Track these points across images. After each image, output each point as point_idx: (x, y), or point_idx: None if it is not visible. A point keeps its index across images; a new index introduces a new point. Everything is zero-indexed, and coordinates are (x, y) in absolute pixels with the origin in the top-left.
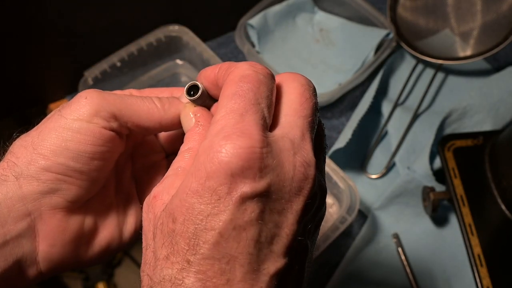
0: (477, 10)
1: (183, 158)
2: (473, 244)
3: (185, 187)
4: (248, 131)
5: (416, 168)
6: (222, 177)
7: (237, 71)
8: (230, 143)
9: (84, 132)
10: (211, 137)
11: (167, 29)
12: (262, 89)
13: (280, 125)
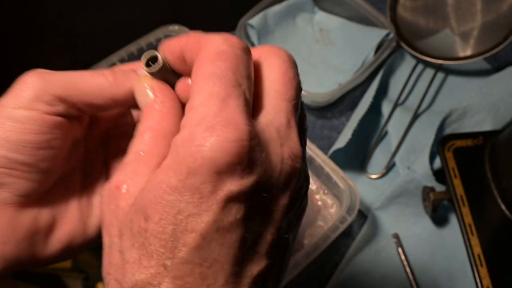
0: (477, 10)
1: (143, 139)
2: (473, 244)
3: (161, 182)
4: (233, 120)
5: (416, 168)
6: (205, 174)
7: (210, 46)
8: (215, 135)
9: (25, 121)
10: (191, 126)
11: (167, 29)
12: (241, 67)
13: (264, 111)
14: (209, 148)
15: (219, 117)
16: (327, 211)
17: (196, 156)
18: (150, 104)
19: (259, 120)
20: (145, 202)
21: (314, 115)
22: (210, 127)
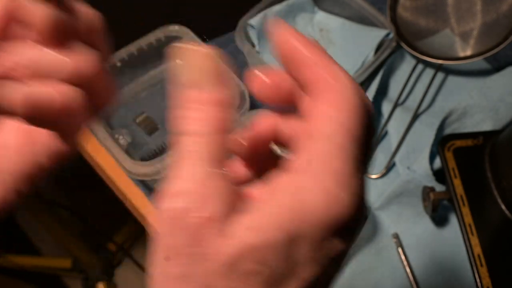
0: (477, 10)
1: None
2: (473, 244)
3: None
4: (363, 188)
5: (416, 168)
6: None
7: (346, 93)
8: (351, 196)
9: None
10: (321, 171)
11: (167, 29)
12: (370, 132)
13: None
14: (344, 208)
15: (354, 178)
16: None
17: (331, 213)
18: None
19: None
20: (262, 251)
21: None
22: (346, 184)
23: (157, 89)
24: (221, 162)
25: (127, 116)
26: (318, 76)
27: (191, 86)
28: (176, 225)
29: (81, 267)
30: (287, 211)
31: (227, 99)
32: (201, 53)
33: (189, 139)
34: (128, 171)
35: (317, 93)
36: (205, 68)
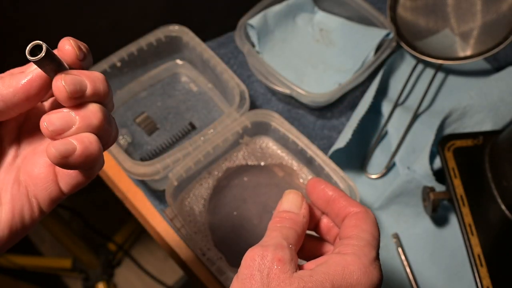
0: (477, 10)
1: None
2: (473, 244)
3: None
4: (381, 269)
5: (416, 168)
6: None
7: (367, 214)
8: (378, 270)
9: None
10: (360, 255)
11: (167, 29)
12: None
13: None
14: None
15: (378, 260)
16: None
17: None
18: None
19: None
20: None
21: (314, 115)
22: (376, 264)
23: (157, 89)
24: (291, 240)
25: (127, 116)
26: (348, 205)
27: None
28: (252, 264)
29: (81, 267)
30: (334, 273)
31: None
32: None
33: (280, 228)
34: (128, 171)
35: (351, 215)
36: (299, 203)
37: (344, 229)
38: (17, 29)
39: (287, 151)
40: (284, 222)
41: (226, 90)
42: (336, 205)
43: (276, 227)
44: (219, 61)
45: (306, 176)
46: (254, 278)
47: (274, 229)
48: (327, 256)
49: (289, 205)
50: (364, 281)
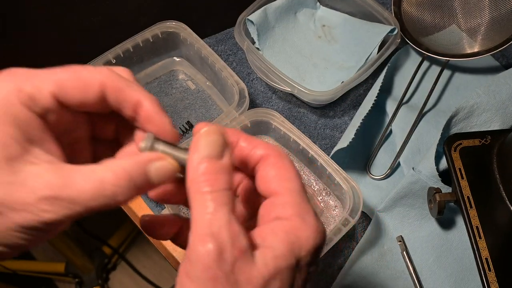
0: (485, 5)
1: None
2: (480, 247)
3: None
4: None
5: (421, 169)
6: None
7: (289, 166)
8: (322, 224)
9: None
10: (314, 220)
11: (164, 25)
12: None
13: None
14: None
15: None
16: (330, 213)
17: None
18: None
19: None
20: None
21: (315, 114)
22: (318, 218)
23: (153, 87)
24: (234, 209)
25: None
26: (251, 147)
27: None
28: (213, 265)
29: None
30: (291, 244)
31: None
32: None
33: (216, 195)
34: None
35: (264, 163)
36: (219, 142)
37: (264, 182)
38: (8, 26)
39: (288, 151)
40: (216, 182)
41: (225, 88)
42: (237, 150)
43: (207, 194)
44: (218, 58)
45: (308, 178)
46: (219, 280)
47: (209, 199)
48: (268, 226)
49: (209, 150)
50: (318, 241)
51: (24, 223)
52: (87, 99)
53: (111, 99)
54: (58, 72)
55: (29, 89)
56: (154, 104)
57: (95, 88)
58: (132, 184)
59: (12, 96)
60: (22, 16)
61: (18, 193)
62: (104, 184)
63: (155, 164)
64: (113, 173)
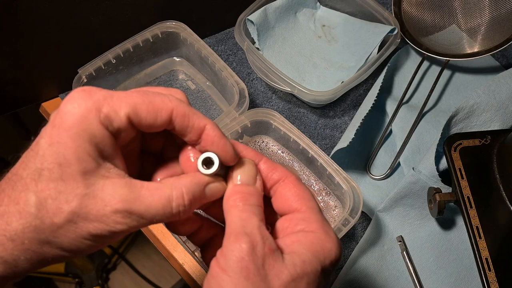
0: (485, 5)
1: None
2: (480, 247)
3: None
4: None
5: (421, 169)
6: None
7: (303, 187)
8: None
9: None
10: (334, 234)
11: (164, 25)
12: None
13: None
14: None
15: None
16: (330, 213)
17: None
18: None
19: None
20: None
21: (316, 114)
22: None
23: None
24: (263, 220)
25: None
26: (269, 170)
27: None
28: (246, 258)
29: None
30: (317, 252)
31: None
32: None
33: (249, 208)
34: None
35: (282, 183)
36: (254, 174)
37: (285, 200)
38: (8, 26)
39: (288, 151)
40: (249, 199)
41: (225, 88)
42: None
43: (241, 206)
44: (218, 58)
45: (308, 177)
46: (251, 271)
47: (243, 210)
48: (293, 236)
49: (246, 178)
50: (339, 253)
51: (96, 233)
52: (157, 123)
53: (177, 124)
54: (133, 96)
55: (106, 110)
56: (217, 130)
57: (165, 114)
58: (193, 203)
59: (91, 115)
60: (22, 17)
61: (92, 205)
62: (169, 202)
63: (212, 185)
64: (178, 192)
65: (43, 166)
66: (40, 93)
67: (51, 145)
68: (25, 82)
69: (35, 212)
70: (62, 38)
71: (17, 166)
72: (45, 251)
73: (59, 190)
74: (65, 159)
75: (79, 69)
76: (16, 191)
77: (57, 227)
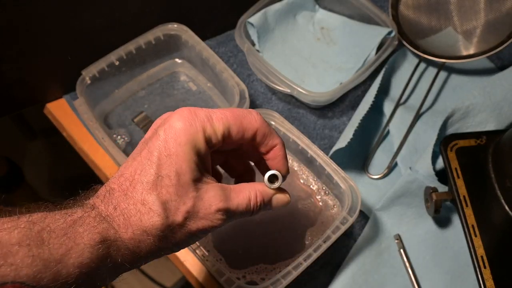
0: (481, 8)
1: None
2: (476, 245)
3: None
4: None
5: (418, 169)
6: None
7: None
8: None
9: None
10: None
11: (166, 28)
12: None
13: None
14: None
15: None
16: (328, 211)
17: None
18: None
19: None
20: None
21: (315, 115)
22: None
23: (155, 88)
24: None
25: (125, 116)
26: None
27: None
28: None
29: None
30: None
31: None
32: None
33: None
34: None
35: None
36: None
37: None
38: (13, 28)
39: (288, 151)
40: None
41: (225, 89)
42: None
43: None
44: (219, 59)
45: (307, 177)
46: None
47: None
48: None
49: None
50: None
51: (203, 227)
52: (243, 140)
53: (257, 141)
54: (228, 117)
55: (209, 132)
56: (283, 149)
57: (251, 133)
58: (262, 204)
59: (199, 135)
60: (27, 19)
61: (201, 205)
62: (250, 201)
63: (278, 195)
64: (253, 194)
65: (162, 174)
66: (44, 94)
67: (168, 156)
68: (30, 83)
69: (162, 211)
70: (66, 40)
71: (131, 172)
72: (161, 245)
73: (178, 193)
74: (181, 168)
75: (82, 70)
76: (137, 193)
77: (176, 224)
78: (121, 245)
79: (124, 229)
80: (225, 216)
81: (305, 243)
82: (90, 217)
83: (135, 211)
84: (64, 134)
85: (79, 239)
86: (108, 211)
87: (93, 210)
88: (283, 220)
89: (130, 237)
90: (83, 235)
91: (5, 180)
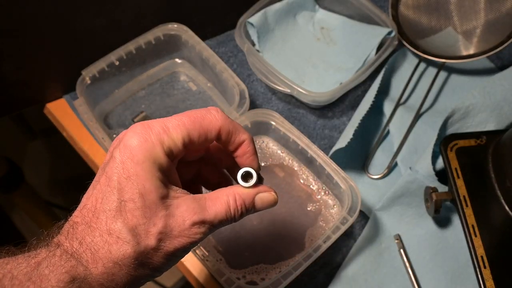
0: (480, 8)
1: None
2: (476, 245)
3: None
4: None
5: (418, 169)
6: None
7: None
8: None
9: None
10: None
11: (166, 28)
12: None
13: None
14: None
15: None
16: (328, 211)
17: None
18: None
19: None
20: None
21: (315, 115)
22: None
23: (155, 88)
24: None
25: (125, 116)
26: None
27: None
28: None
29: None
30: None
31: None
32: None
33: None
34: None
35: None
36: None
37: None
38: (13, 28)
39: (288, 151)
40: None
41: (225, 89)
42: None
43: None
44: (219, 59)
45: (307, 177)
46: None
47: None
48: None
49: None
50: None
51: (181, 246)
52: (208, 142)
53: (222, 139)
54: (185, 123)
55: (168, 143)
56: (252, 144)
57: (214, 133)
58: (243, 208)
59: (157, 149)
60: (27, 19)
61: (174, 223)
62: (229, 207)
63: (262, 194)
64: (233, 198)
65: (125, 198)
66: (44, 94)
67: (128, 178)
68: (30, 83)
69: (131, 238)
70: (66, 40)
71: (92, 202)
72: (138, 274)
73: (145, 215)
74: (144, 188)
75: (82, 70)
76: (101, 223)
77: (150, 248)
78: (93, 282)
79: (93, 264)
80: (202, 228)
81: (305, 243)
82: (56, 256)
83: (102, 243)
84: (64, 134)
85: (45, 283)
86: (73, 247)
87: (58, 249)
88: (283, 220)
89: (102, 272)
90: (49, 277)
91: (5, 180)
